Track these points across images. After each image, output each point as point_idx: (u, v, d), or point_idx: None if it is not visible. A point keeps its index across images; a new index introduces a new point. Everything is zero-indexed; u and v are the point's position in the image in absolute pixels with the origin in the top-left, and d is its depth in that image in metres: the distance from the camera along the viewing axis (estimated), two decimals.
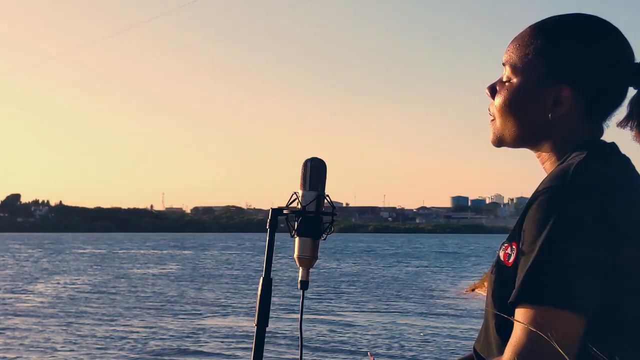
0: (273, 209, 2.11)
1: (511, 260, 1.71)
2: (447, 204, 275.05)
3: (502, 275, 1.73)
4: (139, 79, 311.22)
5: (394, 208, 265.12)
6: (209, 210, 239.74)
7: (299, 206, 2.08)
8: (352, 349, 17.42)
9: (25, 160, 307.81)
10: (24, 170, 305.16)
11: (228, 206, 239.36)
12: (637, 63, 1.85)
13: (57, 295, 29.88)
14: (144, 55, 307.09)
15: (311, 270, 2.11)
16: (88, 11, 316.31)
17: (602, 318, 1.62)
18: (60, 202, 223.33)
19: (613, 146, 1.84)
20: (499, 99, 1.90)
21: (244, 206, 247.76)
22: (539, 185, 1.70)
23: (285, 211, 2.10)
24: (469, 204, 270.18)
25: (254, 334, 2.06)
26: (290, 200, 2.09)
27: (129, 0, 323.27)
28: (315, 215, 2.08)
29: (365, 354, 16.21)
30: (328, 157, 2.11)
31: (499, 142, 1.93)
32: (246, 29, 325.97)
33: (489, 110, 1.94)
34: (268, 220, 2.10)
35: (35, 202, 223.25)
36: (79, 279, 38.80)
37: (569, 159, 1.77)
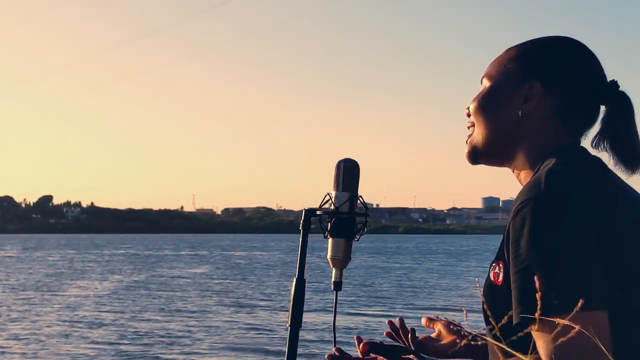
0: (306, 210, 2.10)
1: (500, 279, 1.71)
2: (478, 204, 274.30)
3: (493, 294, 1.73)
4: (170, 82, 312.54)
5: (424, 209, 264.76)
6: (239, 211, 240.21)
7: (332, 207, 2.07)
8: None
9: (57, 162, 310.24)
10: (56, 172, 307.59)
11: (258, 207, 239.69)
12: (608, 82, 1.89)
13: (102, 293, 30.07)
14: (174, 57, 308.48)
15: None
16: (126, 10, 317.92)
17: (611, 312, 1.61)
18: (92, 203, 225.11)
19: (582, 149, 1.86)
20: (473, 104, 1.94)
21: (274, 207, 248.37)
22: (515, 200, 1.71)
23: (318, 212, 2.09)
24: (500, 204, 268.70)
25: (287, 335, 2.06)
26: (324, 201, 2.09)
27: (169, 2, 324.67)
28: (348, 216, 2.07)
29: None
30: (358, 157, 2.10)
31: (473, 152, 1.95)
32: (275, 31, 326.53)
33: (467, 125, 1.97)
34: (301, 221, 2.10)
35: (67, 204, 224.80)
36: (129, 277, 39.02)
37: (541, 168, 1.78)
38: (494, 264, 1.76)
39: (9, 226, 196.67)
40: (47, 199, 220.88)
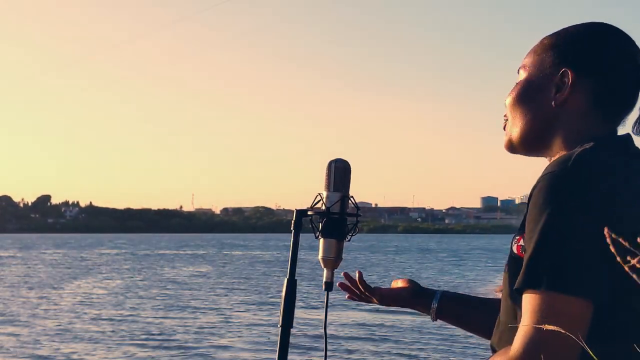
0: (298, 210, 2.12)
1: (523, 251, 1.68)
2: (477, 204, 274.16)
3: (516, 267, 1.68)
4: (169, 80, 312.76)
5: (423, 208, 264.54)
6: (238, 211, 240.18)
7: (324, 207, 2.08)
8: (379, 349, 17.40)
9: (55, 162, 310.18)
10: (54, 171, 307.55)
11: (257, 207, 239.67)
12: None
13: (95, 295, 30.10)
14: (173, 56, 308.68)
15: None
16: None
17: (609, 307, 1.60)
18: (91, 203, 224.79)
19: (626, 137, 1.82)
20: (509, 96, 1.91)
21: (273, 207, 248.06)
22: (544, 171, 1.67)
23: (309, 212, 2.11)
24: (499, 204, 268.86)
25: (279, 335, 2.07)
26: (315, 202, 2.10)
27: None
28: (339, 217, 2.08)
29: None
30: (357, 157, 2.12)
31: (510, 143, 1.92)
32: (276, 30, 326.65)
33: (504, 116, 1.94)
34: (292, 221, 2.11)
35: (66, 203, 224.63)
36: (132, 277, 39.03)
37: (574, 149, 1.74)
38: (517, 237, 1.72)
39: (7, 226, 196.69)
40: (46, 198, 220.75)
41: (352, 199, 2.10)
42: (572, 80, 1.81)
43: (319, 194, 2.09)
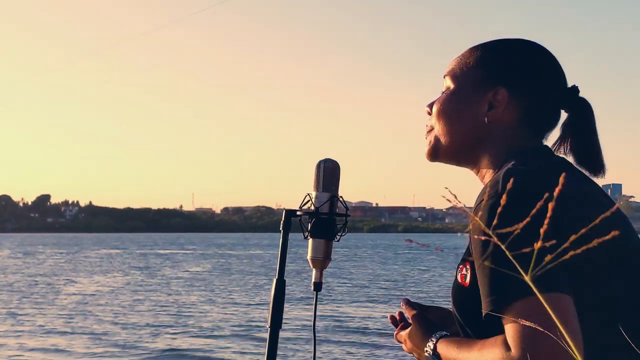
0: (287, 210, 2.13)
1: (467, 280, 1.71)
2: None
3: (461, 297, 1.72)
4: (169, 79, 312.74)
5: (423, 208, 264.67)
6: (238, 210, 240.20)
7: (313, 208, 2.08)
8: (368, 344, 17.39)
9: (55, 161, 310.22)
10: (54, 171, 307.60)
11: (258, 206, 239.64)
12: (569, 87, 1.90)
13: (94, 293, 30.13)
14: (173, 54, 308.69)
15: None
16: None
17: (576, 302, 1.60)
18: (90, 202, 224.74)
19: (545, 148, 1.87)
20: (436, 107, 1.93)
21: (273, 206, 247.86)
22: (476, 199, 1.72)
23: (298, 212, 2.11)
24: None
25: (268, 336, 2.07)
26: (304, 202, 2.10)
27: None
28: (328, 217, 2.08)
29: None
30: (357, 157, 2.12)
31: (434, 152, 1.95)
32: (279, 26, 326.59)
33: (427, 125, 1.96)
34: (282, 221, 2.11)
35: (65, 203, 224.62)
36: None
37: (502, 167, 1.78)
38: (460, 266, 1.75)
39: (6, 225, 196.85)
40: (45, 197, 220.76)
41: (341, 199, 2.10)
42: (506, 99, 1.85)
43: (308, 194, 2.10)
